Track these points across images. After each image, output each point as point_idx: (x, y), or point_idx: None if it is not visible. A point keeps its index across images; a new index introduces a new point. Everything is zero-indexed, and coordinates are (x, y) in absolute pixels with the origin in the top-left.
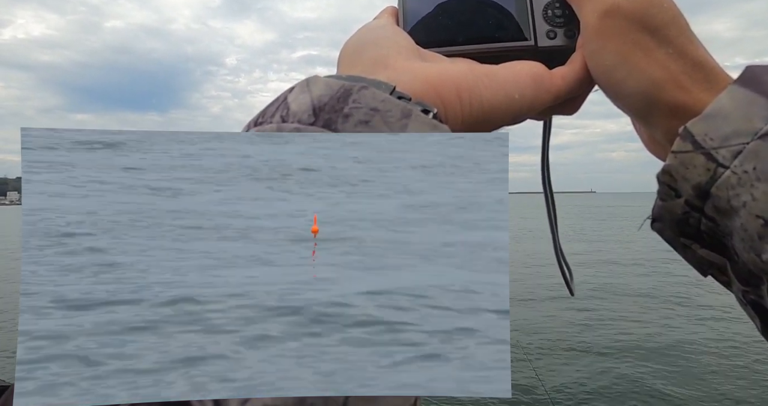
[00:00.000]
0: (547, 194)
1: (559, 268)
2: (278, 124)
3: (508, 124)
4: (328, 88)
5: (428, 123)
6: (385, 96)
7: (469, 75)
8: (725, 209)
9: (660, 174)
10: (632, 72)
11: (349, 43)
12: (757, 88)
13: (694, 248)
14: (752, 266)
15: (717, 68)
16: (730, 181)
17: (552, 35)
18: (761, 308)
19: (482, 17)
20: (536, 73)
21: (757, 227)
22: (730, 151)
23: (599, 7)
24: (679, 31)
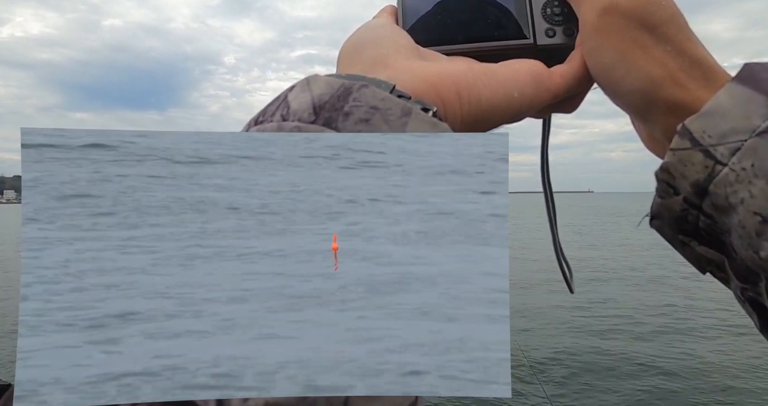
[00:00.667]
0: (547, 193)
1: (558, 266)
2: (279, 122)
3: (507, 122)
4: (329, 87)
5: (428, 121)
6: (385, 94)
7: (469, 73)
8: (723, 206)
9: (658, 171)
10: (631, 70)
11: (349, 42)
12: (755, 85)
13: (692, 245)
14: (750, 263)
15: (715, 66)
16: (728, 179)
17: (551, 33)
18: (759, 305)
19: (481, 16)
20: (535, 71)
21: (755, 224)
22: (728, 148)
23: (598, 5)
24: (677, 29)
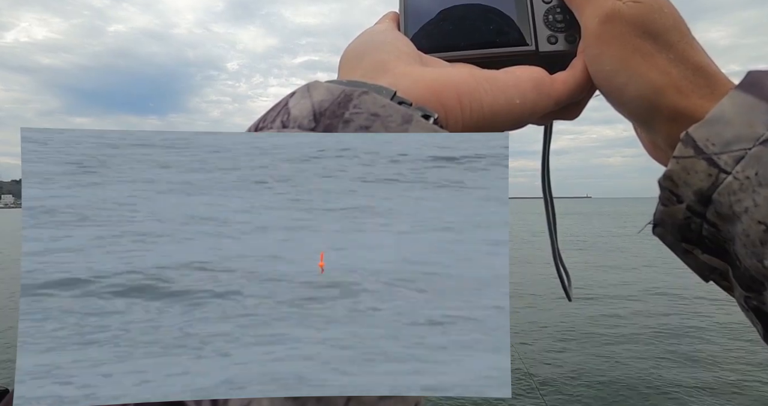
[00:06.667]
0: (547, 200)
1: (557, 272)
2: (279, 129)
3: (509, 129)
4: (329, 94)
5: (429, 128)
6: (386, 101)
7: (470, 80)
8: (727, 215)
9: (662, 179)
10: (633, 77)
11: (350, 48)
12: (758, 93)
13: (695, 253)
14: (754, 272)
15: (718, 73)
16: (732, 187)
17: (553, 40)
18: (763, 314)
19: (483, 23)
20: (537, 78)
21: (759, 232)
22: (732, 156)
23: (600, 12)
24: (680, 37)
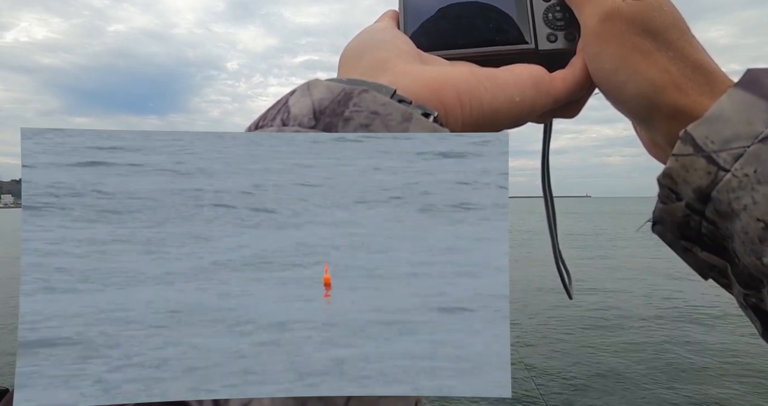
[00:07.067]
0: (547, 198)
1: (557, 271)
2: (279, 127)
3: (508, 127)
4: (329, 92)
5: (429, 127)
6: (386, 99)
7: (470, 78)
8: (726, 212)
9: (661, 177)
10: (632, 75)
11: (350, 46)
12: (757, 91)
13: (694, 250)
14: (753, 269)
15: (717, 71)
16: (731, 185)
17: (552, 38)
18: (762, 312)
19: (483, 21)
20: (537, 76)
21: (757, 230)
22: (731, 154)
23: (600, 11)
24: (679, 35)
